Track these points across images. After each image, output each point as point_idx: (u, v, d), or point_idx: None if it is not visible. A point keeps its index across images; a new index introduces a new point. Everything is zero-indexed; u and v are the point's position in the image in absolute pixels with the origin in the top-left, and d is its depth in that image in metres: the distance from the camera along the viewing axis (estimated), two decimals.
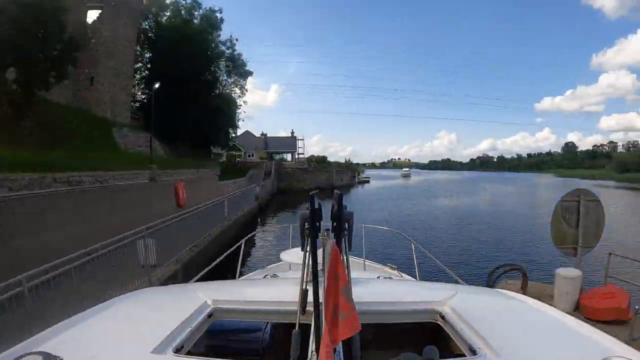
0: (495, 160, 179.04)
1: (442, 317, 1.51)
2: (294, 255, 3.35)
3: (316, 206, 1.17)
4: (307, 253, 1.26)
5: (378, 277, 2.76)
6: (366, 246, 3.75)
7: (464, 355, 1.25)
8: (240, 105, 36.82)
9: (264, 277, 2.96)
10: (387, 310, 1.54)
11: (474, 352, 1.20)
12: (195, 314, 1.46)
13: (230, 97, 34.67)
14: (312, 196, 1.18)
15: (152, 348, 1.15)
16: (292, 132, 58.33)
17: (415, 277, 3.32)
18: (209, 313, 1.52)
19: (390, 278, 2.92)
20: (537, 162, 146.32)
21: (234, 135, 39.91)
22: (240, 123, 40.47)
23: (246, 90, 36.74)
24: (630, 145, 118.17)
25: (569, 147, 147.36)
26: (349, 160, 72.37)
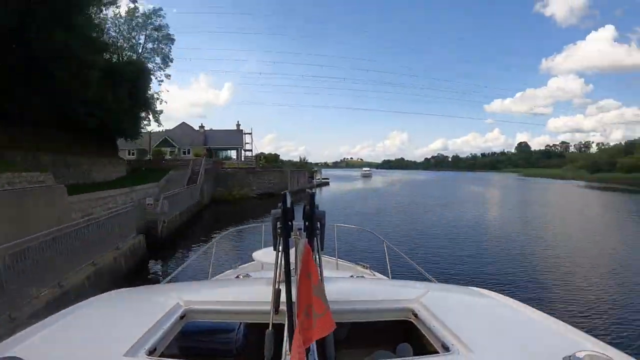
0: (450, 159, 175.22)
1: (415, 315, 1.53)
2: (267, 255, 3.30)
3: (288, 205, 1.15)
4: (280, 252, 1.26)
5: (351, 276, 2.79)
6: (339, 245, 3.77)
7: (437, 352, 1.27)
8: (162, 80, 26.96)
9: (237, 277, 2.86)
10: (360, 308, 1.56)
11: (447, 348, 1.22)
12: (167, 316, 1.45)
13: (143, 66, 23.51)
14: (285, 195, 1.17)
15: (124, 350, 1.14)
16: (238, 125, 46.62)
17: (387, 276, 3.39)
18: (181, 314, 1.51)
19: (363, 277, 2.96)
20: (492, 162, 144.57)
21: (149, 122, 27.12)
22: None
23: (171, 61, 26.54)
24: (582, 146, 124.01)
25: (522, 147, 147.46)
26: (304, 159, 62.69)
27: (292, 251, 1.18)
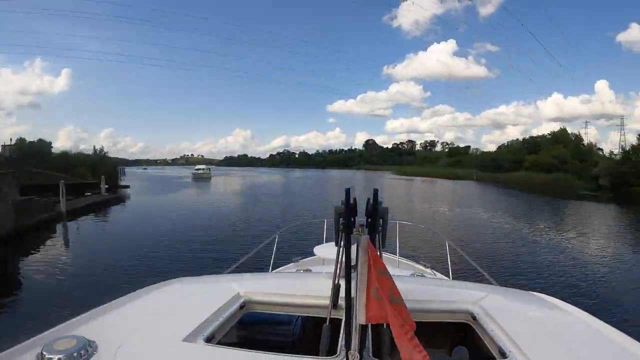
0: (297, 156, 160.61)
1: (474, 318, 1.49)
2: (328, 250, 3.35)
3: (351, 201, 1.15)
4: (341, 248, 1.25)
5: (411, 275, 2.74)
6: (400, 243, 3.70)
7: (493, 358, 1.24)
8: None
9: (297, 271, 2.95)
10: (419, 308, 1.54)
11: (503, 354, 1.18)
12: (227, 305, 1.49)
13: None
14: (348, 190, 1.15)
15: (183, 336, 1.17)
16: None
17: (448, 277, 3.29)
18: (241, 304, 1.55)
19: (423, 276, 2.88)
20: (344, 159, 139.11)
21: None
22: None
23: None
24: (427, 144, 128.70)
25: (370, 144, 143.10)
26: (102, 152, 39.88)
27: (353, 247, 1.16)
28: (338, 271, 1.36)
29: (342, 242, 1.23)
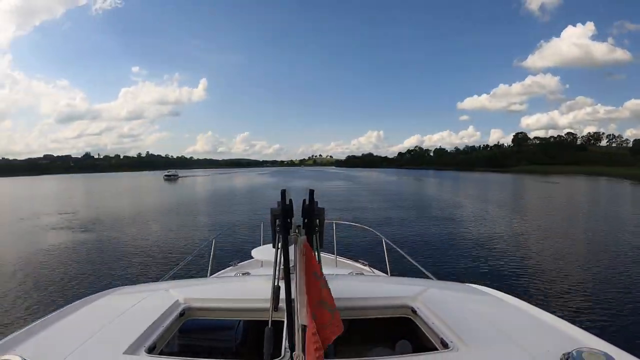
0: (432, 154, 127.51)
1: (414, 312, 1.54)
2: (266, 252, 3.30)
3: (287, 202, 1.15)
4: (279, 250, 1.26)
5: (350, 273, 2.82)
6: (337, 242, 3.78)
7: (436, 349, 1.28)
8: None
9: (236, 274, 2.90)
10: (360, 305, 1.60)
11: (445, 345, 1.23)
12: (167, 313, 1.46)
13: None
14: (284, 192, 1.16)
15: (124, 349, 1.15)
16: None
17: (386, 273, 3.41)
18: (181, 312, 1.52)
19: (362, 274, 3.00)
20: (491, 157, 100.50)
21: None
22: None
23: None
24: (590, 137, 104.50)
25: (520, 138, 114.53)
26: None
27: (291, 248, 1.16)
28: (277, 273, 1.36)
29: (279, 244, 1.21)
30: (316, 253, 1.33)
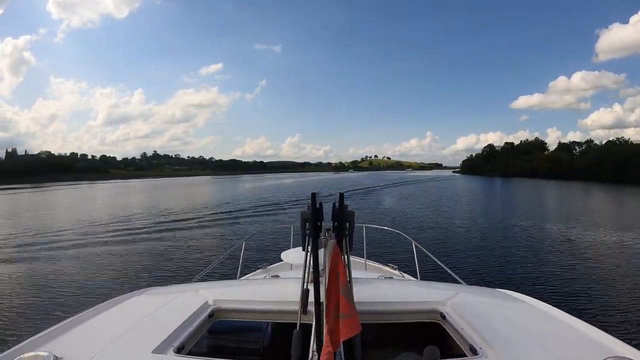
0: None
1: (443, 317, 1.52)
2: (295, 255, 3.33)
3: (317, 205, 1.14)
4: (308, 253, 1.25)
5: (379, 277, 2.78)
6: (367, 246, 3.77)
7: (464, 355, 1.25)
8: None
9: (265, 277, 2.93)
10: (388, 310, 1.56)
11: (474, 351, 1.21)
12: (196, 314, 1.48)
13: None
14: (314, 195, 1.16)
15: (153, 348, 1.16)
16: None
17: (416, 278, 3.35)
18: (210, 313, 1.54)
19: (391, 278, 2.95)
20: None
21: None
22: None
23: None
24: None
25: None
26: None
27: (320, 252, 1.16)
28: (306, 276, 1.35)
29: (309, 247, 1.21)
30: (346, 256, 1.33)
